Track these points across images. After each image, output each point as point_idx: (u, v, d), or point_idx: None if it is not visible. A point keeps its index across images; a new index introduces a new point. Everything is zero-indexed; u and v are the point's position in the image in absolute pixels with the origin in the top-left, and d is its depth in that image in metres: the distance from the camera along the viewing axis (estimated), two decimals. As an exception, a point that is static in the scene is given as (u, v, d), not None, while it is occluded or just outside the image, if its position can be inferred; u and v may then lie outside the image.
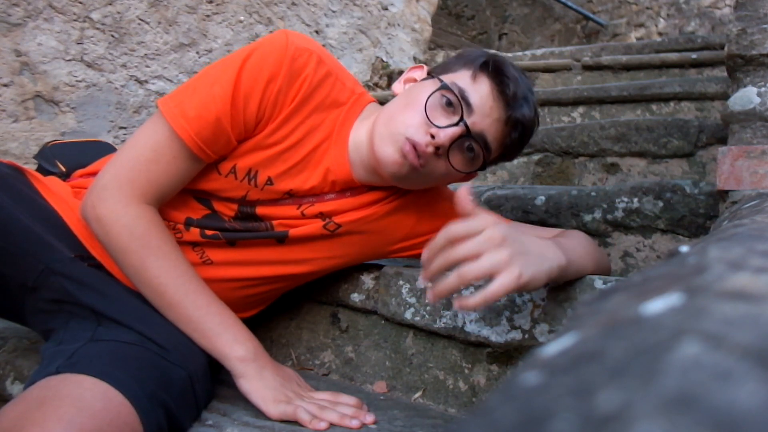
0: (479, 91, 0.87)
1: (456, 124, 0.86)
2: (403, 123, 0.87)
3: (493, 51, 0.99)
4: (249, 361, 0.84)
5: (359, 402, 0.86)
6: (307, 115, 0.90)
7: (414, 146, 0.85)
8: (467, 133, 0.86)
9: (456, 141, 0.86)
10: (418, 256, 1.07)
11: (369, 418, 0.81)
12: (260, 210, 0.94)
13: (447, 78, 0.89)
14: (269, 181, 0.91)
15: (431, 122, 0.86)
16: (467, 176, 0.95)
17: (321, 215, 0.96)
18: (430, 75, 0.94)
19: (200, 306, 0.85)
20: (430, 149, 0.86)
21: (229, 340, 0.85)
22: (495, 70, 0.88)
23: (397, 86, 0.98)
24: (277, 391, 0.83)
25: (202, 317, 0.85)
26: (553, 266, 0.74)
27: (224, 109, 0.84)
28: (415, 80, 0.97)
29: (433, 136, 0.85)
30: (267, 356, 0.88)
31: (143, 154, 0.85)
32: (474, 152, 0.89)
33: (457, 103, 0.86)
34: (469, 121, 0.86)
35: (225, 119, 0.84)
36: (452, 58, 0.96)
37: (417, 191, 1.01)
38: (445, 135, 0.85)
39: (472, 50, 0.95)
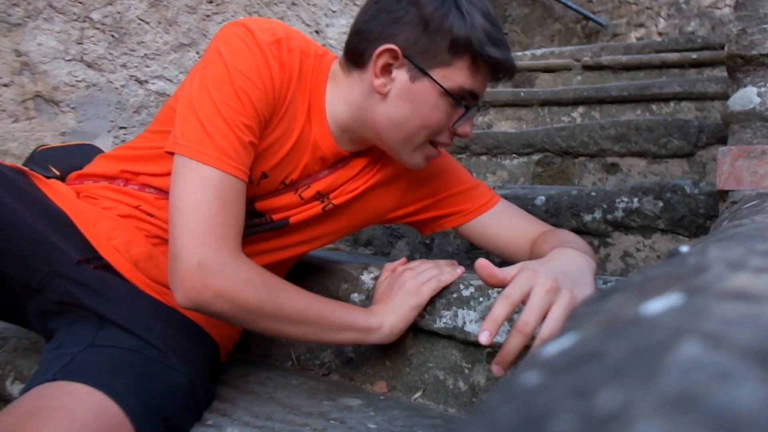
0: (482, 82, 0.89)
1: (469, 110, 0.90)
2: (427, 135, 0.90)
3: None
4: (382, 323, 0.91)
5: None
6: (288, 104, 0.89)
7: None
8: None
9: None
10: (413, 223, 1.13)
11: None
12: (259, 205, 0.94)
13: (441, 74, 0.85)
14: (263, 176, 0.91)
15: (453, 126, 0.91)
16: None
17: (318, 195, 0.96)
18: (409, 62, 0.85)
19: (328, 308, 0.88)
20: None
21: (364, 317, 0.91)
22: (494, 64, 0.87)
23: (377, 82, 0.87)
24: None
25: (336, 317, 0.88)
26: (594, 268, 0.82)
27: (254, 132, 0.84)
28: (389, 66, 0.87)
29: (455, 132, 0.92)
30: (379, 304, 0.95)
31: (213, 206, 0.79)
32: None
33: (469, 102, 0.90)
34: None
35: (255, 140, 0.85)
36: (423, 36, 0.85)
37: None
38: (469, 128, 0.92)
39: (441, 16, 0.84)
